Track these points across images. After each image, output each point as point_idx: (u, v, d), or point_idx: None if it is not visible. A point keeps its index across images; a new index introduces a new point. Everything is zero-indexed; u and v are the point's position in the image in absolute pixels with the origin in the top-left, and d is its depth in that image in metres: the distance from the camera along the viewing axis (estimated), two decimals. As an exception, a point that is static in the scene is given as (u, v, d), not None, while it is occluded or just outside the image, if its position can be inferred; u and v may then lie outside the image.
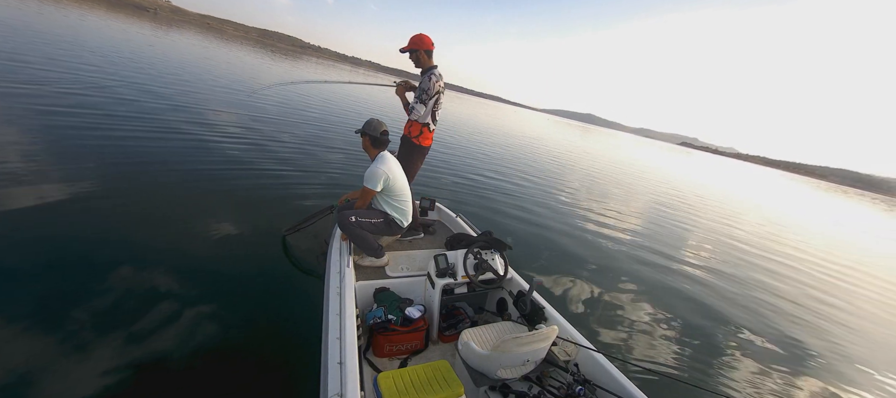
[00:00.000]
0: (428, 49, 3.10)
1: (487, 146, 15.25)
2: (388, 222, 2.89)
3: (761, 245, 9.27)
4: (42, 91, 6.84)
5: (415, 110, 3.13)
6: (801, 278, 7.17)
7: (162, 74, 12.02)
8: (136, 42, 20.52)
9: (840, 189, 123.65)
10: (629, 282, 4.86)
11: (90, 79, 8.70)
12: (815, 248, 10.56)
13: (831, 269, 8.53)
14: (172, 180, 4.56)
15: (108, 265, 2.86)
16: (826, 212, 24.62)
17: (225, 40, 63.85)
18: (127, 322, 2.38)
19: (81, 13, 32.92)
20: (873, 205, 52.20)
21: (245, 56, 32.81)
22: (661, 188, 15.97)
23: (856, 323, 5.44)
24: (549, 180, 11.06)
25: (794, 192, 38.95)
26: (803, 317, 5.15)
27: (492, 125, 29.09)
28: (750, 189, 28.86)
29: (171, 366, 2.17)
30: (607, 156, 28.07)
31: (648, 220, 8.99)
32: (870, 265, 10.20)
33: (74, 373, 1.99)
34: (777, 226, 13.11)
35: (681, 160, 55.84)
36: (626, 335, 3.65)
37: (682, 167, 38.05)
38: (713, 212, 12.68)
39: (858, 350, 4.53)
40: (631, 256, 5.94)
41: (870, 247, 13.38)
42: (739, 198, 20.15)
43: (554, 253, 5.27)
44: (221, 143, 6.49)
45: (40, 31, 14.63)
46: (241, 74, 18.29)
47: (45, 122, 5.33)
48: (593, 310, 3.96)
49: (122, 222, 3.46)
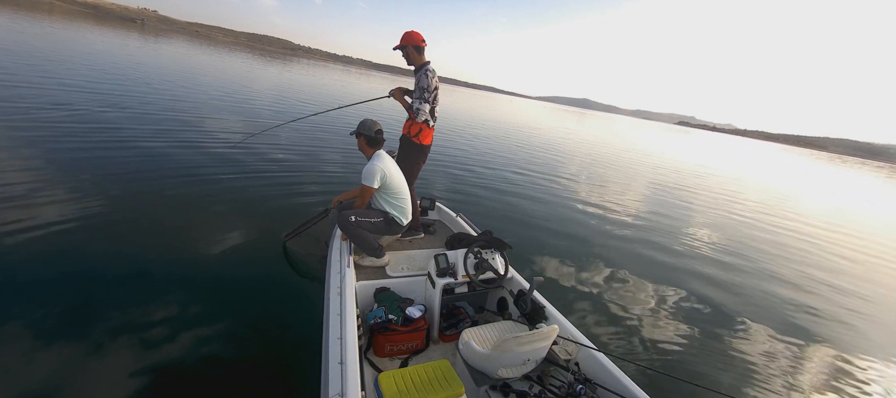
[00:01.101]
0: (418, 45, 3.07)
1: (482, 139, 15.19)
2: (388, 221, 2.89)
3: (764, 227, 9.16)
4: (39, 106, 6.90)
5: (420, 111, 3.09)
6: (803, 257, 7.15)
7: (158, 85, 12.06)
8: (134, 55, 20.58)
9: (839, 158, 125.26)
10: (631, 280, 4.85)
11: (86, 93, 8.75)
12: (819, 223, 10.54)
13: (833, 241, 8.62)
14: (170, 189, 4.59)
15: (111, 273, 2.89)
16: (832, 183, 24.32)
17: (215, 47, 63.61)
18: (130, 326, 2.39)
19: (74, 27, 32.64)
20: (874, 172, 52.11)
21: (240, 63, 32.66)
22: (660, 172, 15.80)
23: (861, 303, 5.45)
24: (546, 172, 10.99)
25: (794, 165, 38.70)
26: (807, 304, 5.10)
27: (486, 116, 28.95)
28: (750, 165, 28.59)
29: (173, 368, 2.18)
30: (605, 141, 27.79)
31: (649, 211, 8.92)
32: (871, 232, 10.39)
33: (74, 377, 2.00)
34: (779, 203, 13.03)
35: (679, 140, 55.62)
36: (628, 334, 3.64)
37: (681, 147, 37.79)
38: (713, 195, 12.49)
39: (866, 327, 4.52)
40: (632, 252, 5.92)
41: (871, 215, 13.59)
42: (740, 175, 19.87)
43: (554, 251, 5.27)
44: (219, 151, 6.52)
45: (35, 46, 14.71)
46: (244, 83, 18.33)
47: (45, 140, 5.39)
48: (594, 309, 3.95)
49: (123, 232, 3.50)
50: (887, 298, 6.00)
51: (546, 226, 6.33)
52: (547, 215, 6.98)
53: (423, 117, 3.11)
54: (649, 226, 7.56)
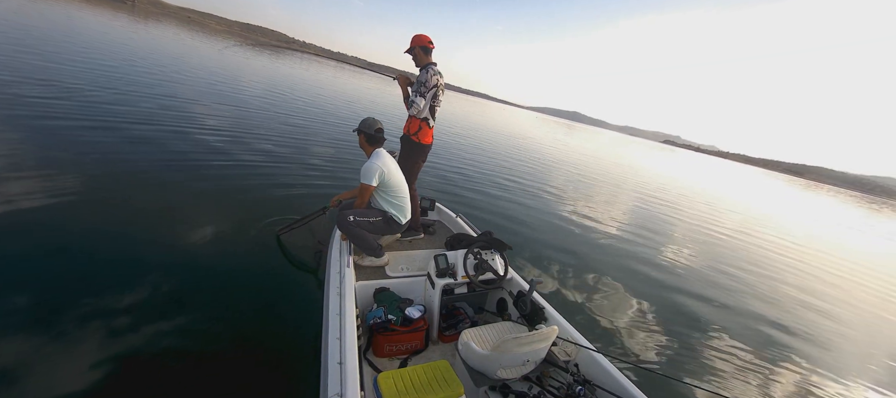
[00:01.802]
0: (424, 46, 3.16)
1: (478, 145, 15.22)
2: (387, 220, 2.89)
3: (757, 242, 9.31)
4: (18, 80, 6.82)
5: (414, 104, 3.16)
6: (796, 272, 7.20)
7: (152, 74, 12.01)
8: (135, 42, 20.50)
9: (815, 185, 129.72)
10: (630, 282, 4.86)
11: (78, 78, 8.69)
12: (809, 246, 10.66)
13: (821, 265, 8.70)
14: (164, 182, 4.52)
15: (107, 269, 2.85)
16: (817, 211, 24.91)
17: (209, 35, 62.91)
18: (127, 324, 2.38)
19: (67, 10, 31.90)
20: (848, 202, 52.85)
21: (239, 55, 32.35)
22: (656, 187, 15.99)
23: (847, 316, 5.47)
24: (545, 181, 11.06)
25: (776, 190, 39.42)
26: (800, 311, 5.15)
27: (480, 123, 28.92)
28: (739, 189, 29.10)
29: (172, 367, 2.17)
30: (600, 155, 28.07)
31: (647, 220, 8.98)
32: (846, 256, 10.68)
33: (73, 376, 1.99)
34: (771, 225, 13.26)
35: (667, 158, 56.17)
36: (627, 335, 3.64)
37: (671, 166, 38.27)
38: (707, 211, 12.70)
39: (854, 338, 4.53)
40: (632, 256, 5.94)
41: (848, 242, 14.01)
42: (731, 197, 20.19)
43: (553, 253, 5.27)
44: (215, 144, 6.48)
45: (28, 26, 14.62)
46: (243, 72, 18.28)
47: (41, 125, 5.32)
48: (593, 310, 3.96)
49: (119, 226, 3.44)
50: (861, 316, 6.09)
51: (546, 230, 6.34)
52: (546, 219, 6.99)
53: (415, 110, 3.18)
54: (649, 236, 7.60)
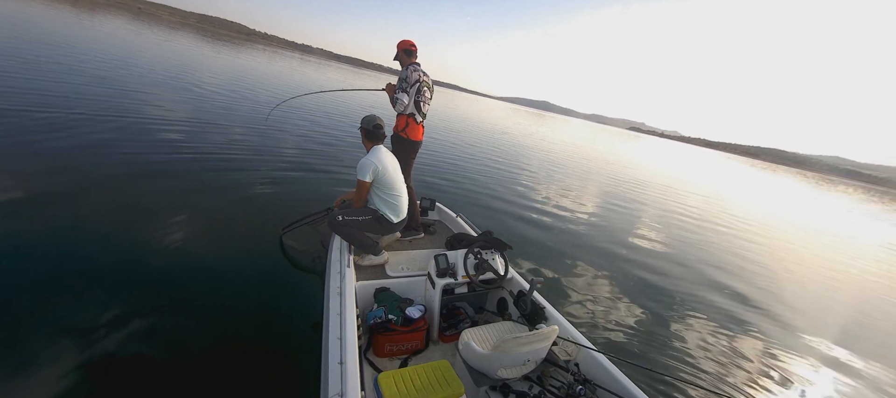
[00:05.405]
0: (406, 49, 3.37)
1: (460, 138, 15.22)
2: (377, 219, 2.87)
3: (756, 239, 9.26)
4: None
5: (398, 100, 3.26)
6: (795, 270, 7.18)
7: (142, 70, 12.01)
8: (135, 42, 20.49)
9: (771, 167, 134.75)
10: (630, 282, 4.86)
11: (61, 78, 8.68)
12: (808, 241, 10.62)
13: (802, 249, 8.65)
14: (164, 182, 4.51)
15: (107, 267, 2.85)
16: (776, 190, 26.18)
17: (169, 28, 59.38)
18: (128, 324, 2.37)
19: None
20: (801, 179, 54.42)
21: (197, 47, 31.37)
22: (656, 184, 15.93)
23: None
24: (527, 174, 11.04)
25: (742, 174, 40.87)
26: (805, 308, 5.15)
27: (455, 115, 28.87)
28: (708, 173, 30.32)
29: (172, 367, 2.17)
30: (594, 149, 28.32)
31: (647, 220, 8.96)
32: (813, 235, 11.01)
33: (74, 376, 1.99)
34: (753, 212, 13.23)
35: (635, 145, 57.62)
36: (627, 334, 3.64)
37: (640, 153, 39.30)
38: (707, 210, 12.64)
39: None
40: (632, 256, 5.93)
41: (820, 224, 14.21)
42: (727, 194, 20.15)
43: (553, 253, 5.27)
44: (215, 143, 6.48)
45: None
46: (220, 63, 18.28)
47: (40, 137, 5.32)
48: (594, 310, 3.95)
49: (120, 224, 3.45)
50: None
51: (544, 228, 6.33)
52: (541, 216, 6.98)
53: (400, 106, 3.28)
54: (647, 233, 7.57)
